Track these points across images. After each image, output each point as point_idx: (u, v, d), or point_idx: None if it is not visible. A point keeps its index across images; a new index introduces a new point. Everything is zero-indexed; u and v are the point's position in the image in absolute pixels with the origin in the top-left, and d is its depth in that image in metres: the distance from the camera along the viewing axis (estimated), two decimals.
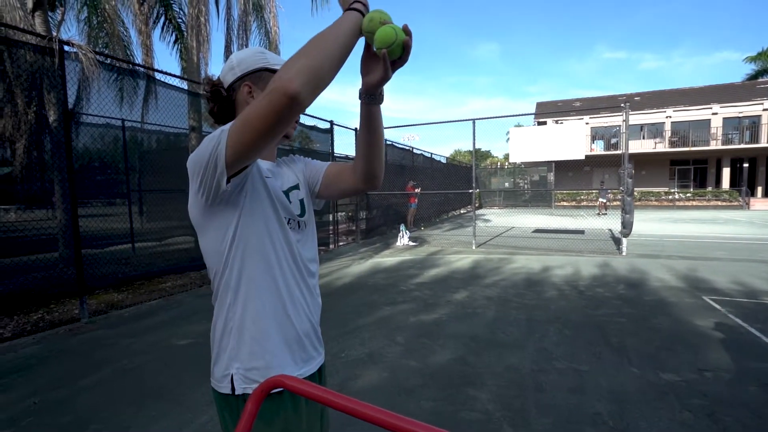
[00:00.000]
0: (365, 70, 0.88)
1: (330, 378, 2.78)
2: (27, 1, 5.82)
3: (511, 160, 8.46)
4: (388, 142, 11.70)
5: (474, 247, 8.50)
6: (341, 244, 9.34)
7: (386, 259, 7.50)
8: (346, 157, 10.32)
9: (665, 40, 74.12)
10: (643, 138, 25.98)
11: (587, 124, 25.71)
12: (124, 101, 6.52)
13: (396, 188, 11.47)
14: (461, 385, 2.64)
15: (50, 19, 6.61)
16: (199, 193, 0.84)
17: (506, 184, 27.59)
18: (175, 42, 8.40)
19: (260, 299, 0.89)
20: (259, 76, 0.95)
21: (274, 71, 0.95)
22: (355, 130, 9.79)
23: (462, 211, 20.54)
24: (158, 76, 5.67)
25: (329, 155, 8.98)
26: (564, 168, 24.58)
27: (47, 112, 5.25)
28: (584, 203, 24.07)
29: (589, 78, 79.87)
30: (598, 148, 26.68)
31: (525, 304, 4.45)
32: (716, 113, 24.35)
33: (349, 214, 11.00)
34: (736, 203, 21.52)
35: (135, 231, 6.74)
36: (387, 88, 0.95)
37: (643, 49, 78.65)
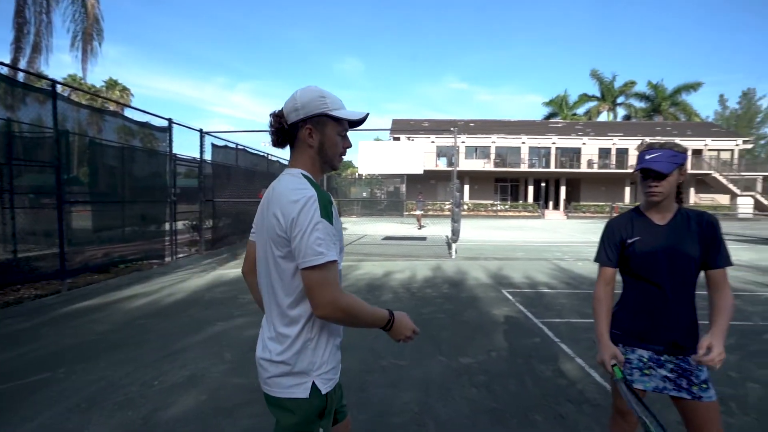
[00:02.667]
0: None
1: (135, 410, 2.43)
2: None
3: (360, 171, 8.94)
4: (239, 147, 11.04)
5: None
6: (180, 256, 8.34)
7: (231, 270, 7.01)
8: (194, 160, 9.31)
9: (495, 79, 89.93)
10: (475, 158, 30.70)
11: (433, 142, 29.11)
12: None
13: (247, 195, 10.87)
14: None
15: None
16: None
17: (363, 194, 29.00)
18: None
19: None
20: (319, 120, 1.11)
21: (332, 117, 1.12)
22: (200, 130, 8.96)
23: None
24: None
25: (167, 157, 7.98)
26: (413, 181, 27.19)
27: None
28: (430, 212, 27.03)
29: (440, 102, 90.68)
30: (443, 164, 30.37)
31: None
32: (524, 142, 30.44)
33: (193, 222, 9.94)
34: (536, 213, 27.19)
35: None
36: (244, 89, 0.98)
37: (479, 84, 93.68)
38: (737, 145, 31.05)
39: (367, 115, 1.19)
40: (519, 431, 2.30)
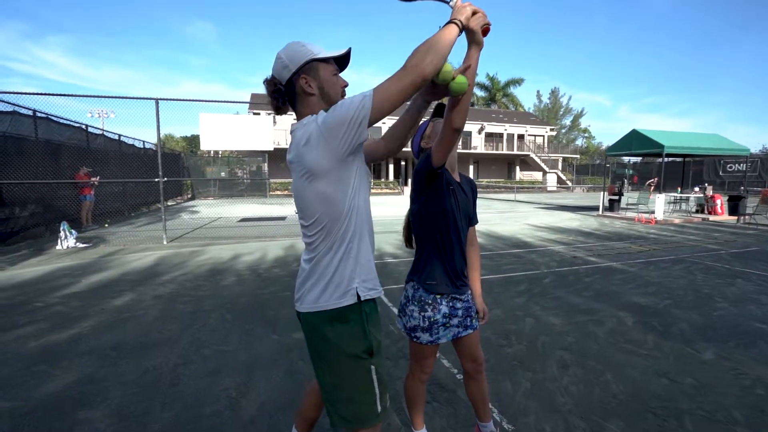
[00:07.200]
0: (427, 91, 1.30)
1: None
2: None
3: (203, 147, 8.04)
4: (41, 115, 8.76)
5: (165, 242, 7.64)
6: None
7: (27, 270, 5.60)
8: None
9: (360, 61, 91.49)
10: None
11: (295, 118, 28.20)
12: None
13: (53, 176, 8.80)
14: (70, 412, 2.20)
15: None
16: (340, 145, 1.13)
17: (222, 174, 26.58)
18: None
19: (367, 236, 1.29)
20: (311, 66, 1.24)
21: (320, 59, 1.24)
22: None
23: (170, 203, 18.29)
24: None
25: None
26: (277, 159, 26.10)
27: None
28: (287, 192, 26.43)
29: None
30: None
31: (197, 296, 4.30)
32: (384, 122, 31.93)
33: None
34: (397, 190, 29.12)
35: None
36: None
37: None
38: (547, 132, 38.41)
39: (350, 49, 1.29)
40: None
